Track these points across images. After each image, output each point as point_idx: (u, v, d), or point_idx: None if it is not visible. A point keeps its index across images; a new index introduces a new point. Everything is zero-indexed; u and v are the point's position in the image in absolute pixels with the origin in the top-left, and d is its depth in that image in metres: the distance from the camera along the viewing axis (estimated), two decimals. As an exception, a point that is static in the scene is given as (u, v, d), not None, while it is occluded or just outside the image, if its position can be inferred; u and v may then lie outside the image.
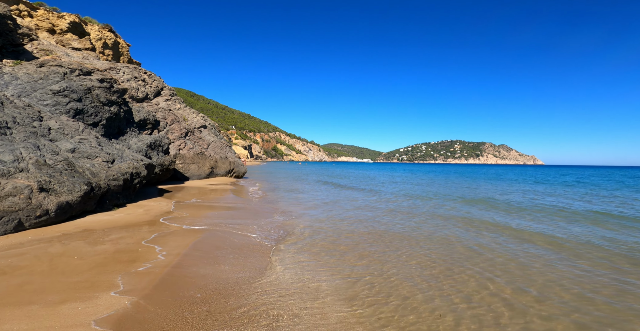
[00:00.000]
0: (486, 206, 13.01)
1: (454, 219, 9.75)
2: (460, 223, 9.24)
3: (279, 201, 13.40)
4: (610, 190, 22.66)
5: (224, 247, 5.70)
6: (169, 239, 5.80)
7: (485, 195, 17.44)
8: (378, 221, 9.17)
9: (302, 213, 10.35)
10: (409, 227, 8.33)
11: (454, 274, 4.73)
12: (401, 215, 10.36)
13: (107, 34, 30.50)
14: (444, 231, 8.03)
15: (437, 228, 8.32)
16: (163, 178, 15.89)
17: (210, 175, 23.41)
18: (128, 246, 5.12)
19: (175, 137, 21.69)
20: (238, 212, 9.72)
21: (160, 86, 26.23)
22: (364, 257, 5.50)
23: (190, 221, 7.80)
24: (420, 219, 9.63)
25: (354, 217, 9.76)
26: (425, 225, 8.74)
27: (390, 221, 9.24)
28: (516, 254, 5.92)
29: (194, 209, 9.54)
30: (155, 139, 15.39)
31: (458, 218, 10.12)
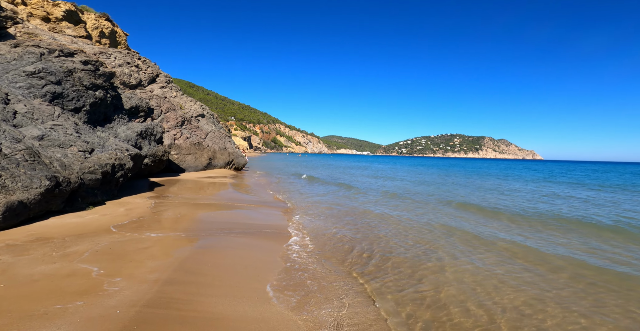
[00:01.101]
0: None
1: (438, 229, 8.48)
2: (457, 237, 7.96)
3: (291, 201, 12.13)
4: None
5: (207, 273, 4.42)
6: (144, 255, 4.53)
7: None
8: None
9: (334, 231, 7.25)
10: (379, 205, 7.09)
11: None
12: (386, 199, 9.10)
13: (103, 23, 28.84)
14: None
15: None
16: (156, 169, 14.57)
17: (208, 167, 22.10)
18: (88, 267, 3.85)
19: (171, 126, 20.28)
20: (240, 214, 8.44)
21: (156, 73, 24.66)
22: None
23: (179, 226, 6.52)
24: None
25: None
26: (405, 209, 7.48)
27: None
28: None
29: (186, 208, 8.26)
30: (146, 127, 14.00)
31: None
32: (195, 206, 8.71)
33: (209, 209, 8.46)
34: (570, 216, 9.83)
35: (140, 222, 6.38)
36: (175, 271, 3.98)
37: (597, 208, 11.83)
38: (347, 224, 7.96)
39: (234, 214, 8.20)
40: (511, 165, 73.74)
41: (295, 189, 15.36)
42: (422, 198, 13.12)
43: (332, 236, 6.83)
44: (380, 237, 6.85)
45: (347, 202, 11.78)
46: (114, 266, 3.92)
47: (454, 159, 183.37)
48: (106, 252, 4.40)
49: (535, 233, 7.74)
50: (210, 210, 8.31)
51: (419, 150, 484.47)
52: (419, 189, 17.07)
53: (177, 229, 6.15)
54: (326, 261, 5.14)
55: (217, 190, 12.46)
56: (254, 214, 8.44)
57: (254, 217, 8.10)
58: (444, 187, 18.79)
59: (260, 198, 11.69)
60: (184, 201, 9.21)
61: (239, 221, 7.36)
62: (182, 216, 7.31)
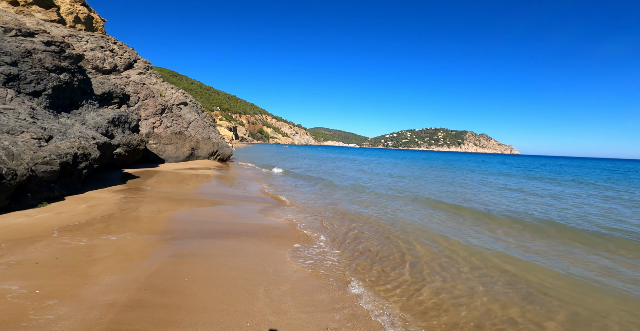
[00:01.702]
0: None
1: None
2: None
3: (281, 194, 11.30)
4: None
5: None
6: (100, 267, 3.68)
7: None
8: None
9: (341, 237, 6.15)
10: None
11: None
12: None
13: (79, 8, 26.57)
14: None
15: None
16: (131, 160, 13.41)
17: (190, 157, 20.92)
18: (10, 288, 2.97)
19: (149, 114, 18.91)
20: (225, 211, 7.60)
21: (133, 58, 22.95)
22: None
23: (151, 226, 5.65)
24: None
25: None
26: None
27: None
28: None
29: (161, 204, 7.35)
30: (119, 114, 12.77)
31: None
32: (172, 201, 7.80)
33: (188, 205, 7.57)
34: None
35: (103, 222, 5.47)
36: (140, 290, 3.16)
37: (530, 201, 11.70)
38: (358, 226, 7.29)
39: (219, 211, 7.35)
40: (487, 159, 75.27)
41: (285, 183, 14.57)
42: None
43: (344, 234, 6.15)
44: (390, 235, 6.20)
45: (345, 198, 11.11)
46: (54, 284, 3.07)
47: (437, 153, 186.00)
48: (49, 264, 3.52)
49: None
50: (191, 206, 7.44)
51: (404, 143, 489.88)
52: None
53: (148, 230, 5.28)
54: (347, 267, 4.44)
55: (199, 183, 11.51)
56: (242, 211, 7.62)
57: (242, 214, 7.28)
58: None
59: (248, 192, 10.86)
60: (160, 196, 8.27)
61: (225, 220, 6.54)
62: (156, 213, 6.42)
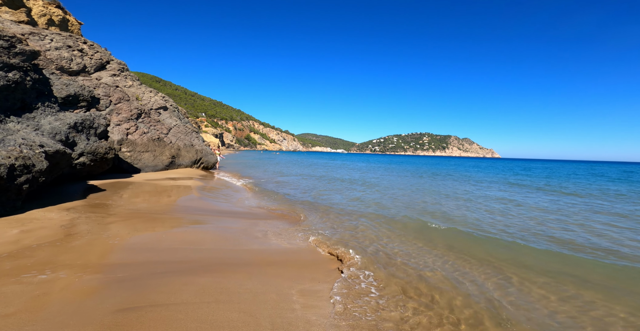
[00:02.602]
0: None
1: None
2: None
3: (281, 208, 9.96)
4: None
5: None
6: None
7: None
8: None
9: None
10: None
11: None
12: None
13: (53, 10, 24.80)
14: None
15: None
16: (98, 170, 11.81)
17: (170, 166, 19.31)
18: None
19: (123, 119, 17.27)
20: (206, 234, 6.23)
21: (106, 59, 21.29)
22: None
23: (96, 259, 4.27)
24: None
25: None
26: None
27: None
28: None
29: (123, 225, 5.93)
30: (83, 118, 11.21)
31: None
32: (141, 221, 6.39)
33: (161, 225, 6.18)
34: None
35: (33, 254, 4.05)
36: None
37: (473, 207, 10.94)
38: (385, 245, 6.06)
39: (200, 232, 5.97)
40: (461, 162, 76.24)
41: (278, 192, 13.24)
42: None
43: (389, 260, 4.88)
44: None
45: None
46: None
47: (423, 157, 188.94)
48: None
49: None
50: (164, 227, 6.04)
51: (391, 148, 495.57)
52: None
53: (95, 265, 3.90)
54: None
55: (178, 196, 10.06)
56: (231, 232, 6.24)
57: (231, 236, 5.91)
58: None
59: (238, 206, 9.45)
60: (126, 214, 6.83)
61: (208, 246, 5.18)
62: (114, 239, 5.02)
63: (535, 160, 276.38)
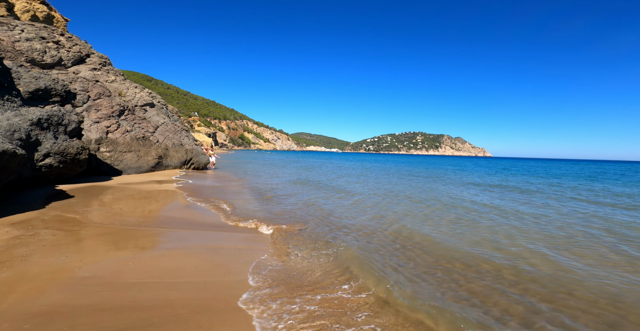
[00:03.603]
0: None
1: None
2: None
3: (285, 219, 8.63)
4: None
5: None
6: None
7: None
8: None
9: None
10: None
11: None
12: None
13: (37, 6, 23.12)
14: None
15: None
16: (70, 172, 10.34)
17: (157, 167, 17.85)
18: None
19: (102, 116, 15.74)
20: (192, 259, 4.90)
21: (85, 52, 19.70)
22: None
23: (21, 305, 2.94)
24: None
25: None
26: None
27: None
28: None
29: (81, 245, 4.58)
30: (49, 114, 9.75)
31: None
32: (104, 238, 5.05)
33: (130, 245, 4.85)
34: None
35: None
36: None
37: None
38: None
39: (178, 257, 4.61)
40: (457, 162, 76.32)
41: (281, 199, 11.91)
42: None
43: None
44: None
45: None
46: None
47: (416, 156, 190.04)
48: None
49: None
50: (132, 249, 4.71)
51: (385, 147, 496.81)
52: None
53: (7, 318, 2.60)
54: None
55: (159, 203, 8.67)
56: (220, 256, 4.79)
57: (219, 263, 4.41)
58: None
59: (233, 218, 8.06)
60: (89, 229, 5.48)
61: (185, 279, 3.83)
62: (51, 270, 3.69)
63: (526, 159, 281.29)
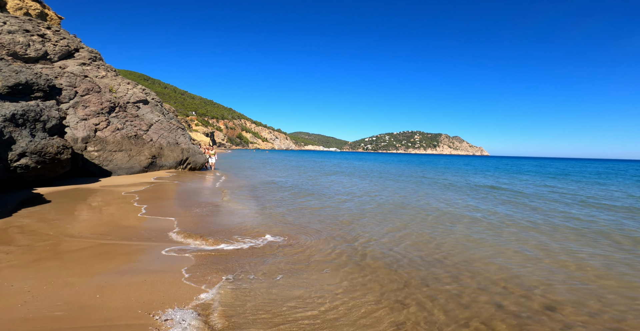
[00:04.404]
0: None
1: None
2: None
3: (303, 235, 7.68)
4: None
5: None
6: None
7: None
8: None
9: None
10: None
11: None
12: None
13: (30, 4, 22.20)
14: None
15: None
16: (49, 174, 9.42)
17: (150, 167, 16.92)
18: None
19: (91, 113, 14.79)
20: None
21: (74, 46, 18.73)
22: None
23: None
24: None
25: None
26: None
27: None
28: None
29: (19, 275, 3.71)
30: (25, 109, 8.83)
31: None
32: (69, 258, 4.15)
33: (104, 269, 3.97)
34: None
35: None
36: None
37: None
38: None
39: (149, 289, 3.72)
40: (434, 160, 75.59)
41: (281, 209, 10.97)
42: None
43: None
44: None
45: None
46: None
47: (414, 156, 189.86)
48: None
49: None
50: (105, 274, 3.84)
51: (383, 146, 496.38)
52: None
53: None
54: None
55: (144, 212, 7.77)
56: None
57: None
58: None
59: (245, 234, 6.97)
60: (51, 245, 4.59)
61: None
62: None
63: (522, 158, 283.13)
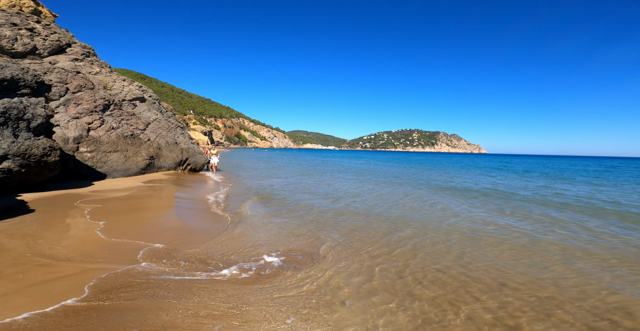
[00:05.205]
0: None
1: None
2: None
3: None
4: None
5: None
6: None
7: None
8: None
9: None
10: None
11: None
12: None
13: (24, 1, 21.06)
14: None
15: None
16: (36, 178, 8.46)
17: (148, 169, 15.96)
18: None
19: (83, 111, 13.79)
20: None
21: (66, 41, 17.68)
22: None
23: None
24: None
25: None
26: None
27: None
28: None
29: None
30: (5, 106, 7.86)
31: None
32: (27, 289, 3.26)
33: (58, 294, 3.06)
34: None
35: None
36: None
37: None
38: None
39: None
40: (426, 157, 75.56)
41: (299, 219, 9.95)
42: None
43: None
44: None
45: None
46: None
47: (413, 154, 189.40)
48: None
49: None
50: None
51: (381, 145, 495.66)
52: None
53: None
54: None
55: (138, 222, 6.84)
56: None
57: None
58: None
59: (228, 256, 6.08)
60: (25, 266, 3.69)
61: None
62: None
63: (519, 155, 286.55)
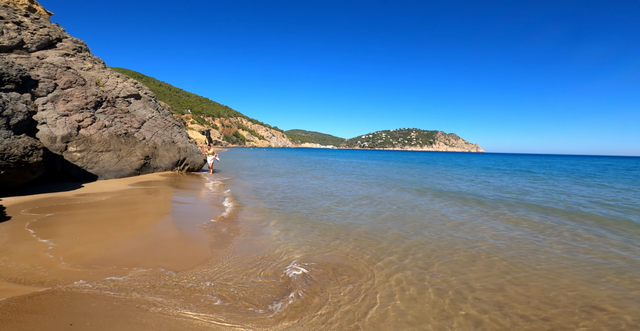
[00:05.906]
0: None
1: None
2: None
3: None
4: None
5: None
6: None
7: None
8: None
9: None
10: None
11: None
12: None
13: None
14: None
15: None
16: (16, 181, 7.66)
17: (143, 169, 15.15)
18: None
19: (74, 108, 12.97)
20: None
21: (56, 36, 16.82)
22: None
23: None
24: None
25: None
26: None
27: None
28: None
29: None
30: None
31: None
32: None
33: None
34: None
35: None
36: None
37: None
38: None
39: None
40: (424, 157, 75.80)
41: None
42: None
43: None
44: None
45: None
46: None
47: (412, 153, 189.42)
48: None
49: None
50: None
51: (380, 144, 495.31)
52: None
53: None
54: None
55: (129, 232, 6.07)
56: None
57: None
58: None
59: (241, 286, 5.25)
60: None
61: None
62: None
63: (516, 154, 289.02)
